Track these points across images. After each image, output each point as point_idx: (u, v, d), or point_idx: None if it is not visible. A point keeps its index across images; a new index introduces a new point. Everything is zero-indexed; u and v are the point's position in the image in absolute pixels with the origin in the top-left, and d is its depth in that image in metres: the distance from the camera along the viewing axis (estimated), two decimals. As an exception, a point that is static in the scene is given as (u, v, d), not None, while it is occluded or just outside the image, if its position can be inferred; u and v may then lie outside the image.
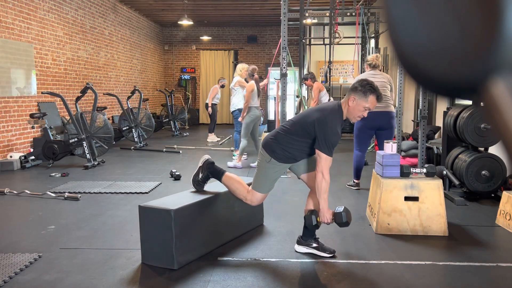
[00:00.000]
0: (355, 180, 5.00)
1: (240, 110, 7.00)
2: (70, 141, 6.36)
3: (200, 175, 3.16)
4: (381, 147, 4.48)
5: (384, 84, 4.78)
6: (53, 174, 5.77)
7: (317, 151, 2.73)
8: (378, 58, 5.04)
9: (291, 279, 2.64)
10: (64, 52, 8.14)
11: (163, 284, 2.56)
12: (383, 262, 2.88)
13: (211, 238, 3.05)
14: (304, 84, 8.00)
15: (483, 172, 4.29)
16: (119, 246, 3.14)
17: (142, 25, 12.81)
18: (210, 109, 9.88)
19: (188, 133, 11.17)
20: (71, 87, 8.38)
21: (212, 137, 9.66)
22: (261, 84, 7.25)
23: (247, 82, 6.60)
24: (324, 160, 2.71)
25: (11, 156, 6.30)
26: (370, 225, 3.64)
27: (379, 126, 4.71)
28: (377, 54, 5.21)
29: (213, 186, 3.28)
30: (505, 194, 3.71)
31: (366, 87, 2.71)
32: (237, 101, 7.01)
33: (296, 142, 2.81)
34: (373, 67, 4.95)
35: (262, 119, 6.68)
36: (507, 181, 4.46)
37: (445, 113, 4.99)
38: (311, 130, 2.75)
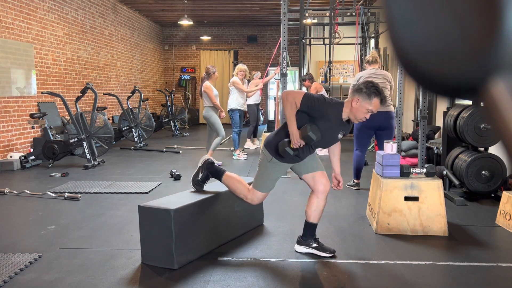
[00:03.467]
0: (355, 180, 5.00)
1: (232, 110, 7.07)
2: (70, 141, 6.36)
3: (200, 175, 3.16)
4: (381, 148, 4.48)
5: (385, 85, 4.78)
6: (53, 174, 5.77)
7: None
8: (375, 53, 5.07)
9: (291, 279, 2.64)
10: (64, 52, 8.14)
11: (163, 284, 2.56)
12: (383, 262, 2.88)
13: (211, 238, 3.05)
14: (303, 85, 8.04)
15: (483, 172, 4.29)
16: (119, 246, 3.14)
17: (142, 25, 12.81)
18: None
19: (188, 133, 11.16)
20: (71, 87, 8.38)
21: (249, 144, 8.36)
22: (261, 80, 7.31)
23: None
24: (297, 91, 2.79)
25: (11, 156, 6.29)
26: (370, 225, 3.64)
27: (379, 126, 4.71)
28: (373, 50, 5.28)
29: (213, 186, 3.28)
30: (505, 194, 3.71)
31: (371, 89, 2.70)
32: (230, 101, 7.08)
33: None
34: (372, 63, 4.95)
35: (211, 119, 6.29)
36: (507, 181, 4.46)
37: (445, 113, 4.99)
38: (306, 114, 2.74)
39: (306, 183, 3.07)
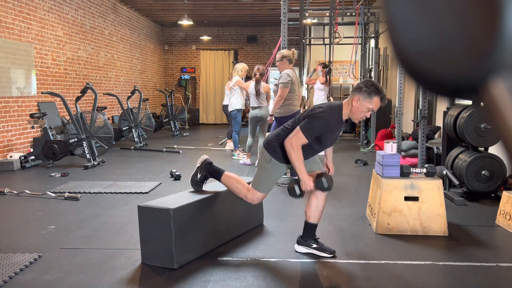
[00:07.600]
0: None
1: (238, 110, 7.01)
2: (70, 141, 6.36)
3: (199, 176, 3.15)
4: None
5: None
6: (53, 174, 5.77)
7: (296, 128, 2.73)
8: (294, 54, 4.88)
9: (291, 279, 2.64)
10: (64, 52, 8.14)
11: (163, 284, 2.56)
12: (383, 262, 2.88)
13: (211, 238, 3.05)
14: (315, 69, 8.06)
15: (483, 172, 4.29)
16: (119, 246, 3.14)
17: (142, 25, 12.80)
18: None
19: (188, 133, 11.16)
20: (71, 87, 8.38)
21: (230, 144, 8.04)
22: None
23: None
24: (296, 133, 2.70)
25: (11, 156, 6.29)
26: (370, 225, 3.64)
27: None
28: (293, 49, 4.98)
29: (213, 185, 3.28)
30: (505, 194, 3.71)
31: (371, 88, 2.68)
32: (235, 101, 7.01)
33: None
34: (291, 62, 4.86)
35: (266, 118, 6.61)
36: (507, 181, 4.46)
37: (445, 113, 4.99)
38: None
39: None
